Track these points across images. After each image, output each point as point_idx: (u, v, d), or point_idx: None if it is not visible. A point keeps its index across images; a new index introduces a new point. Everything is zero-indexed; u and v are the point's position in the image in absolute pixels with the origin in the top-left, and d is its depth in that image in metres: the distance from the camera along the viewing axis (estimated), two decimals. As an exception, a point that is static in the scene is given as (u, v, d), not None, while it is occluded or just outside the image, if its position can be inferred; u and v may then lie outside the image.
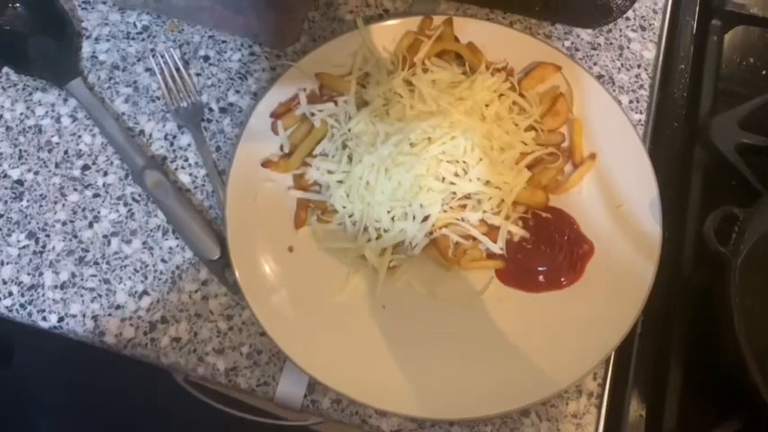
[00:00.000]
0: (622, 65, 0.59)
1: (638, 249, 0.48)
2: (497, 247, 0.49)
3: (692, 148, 0.55)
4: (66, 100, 0.56)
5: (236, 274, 0.46)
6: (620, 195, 0.50)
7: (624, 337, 0.45)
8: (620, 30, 0.61)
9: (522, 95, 0.53)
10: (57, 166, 0.53)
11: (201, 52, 0.58)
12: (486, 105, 0.52)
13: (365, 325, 0.47)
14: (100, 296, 0.49)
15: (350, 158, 0.50)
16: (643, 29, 0.61)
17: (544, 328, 0.47)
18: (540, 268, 0.49)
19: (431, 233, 0.49)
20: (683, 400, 0.46)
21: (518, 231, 0.50)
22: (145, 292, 0.49)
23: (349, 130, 0.51)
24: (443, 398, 0.44)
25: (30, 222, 0.51)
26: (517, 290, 0.48)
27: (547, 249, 0.49)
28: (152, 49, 0.58)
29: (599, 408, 0.46)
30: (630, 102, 0.57)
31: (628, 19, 0.61)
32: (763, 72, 0.61)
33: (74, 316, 0.48)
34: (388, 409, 0.43)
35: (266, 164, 0.50)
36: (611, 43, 0.60)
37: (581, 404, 0.46)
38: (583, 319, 0.46)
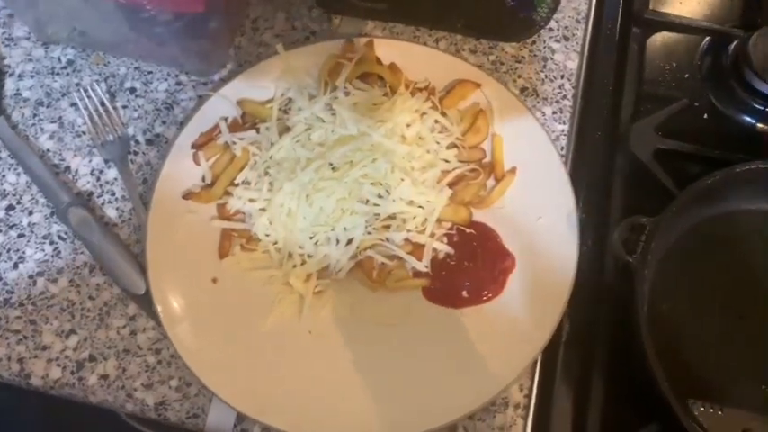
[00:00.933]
0: (546, 76, 0.60)
1: (557, 261, 0.48)
2: (422, 266, 0.50)
3: (613, 156, 0.56)
4: (-11, 139, 0.56)
5: (158, 308, 0.46)
6: (539, 208, 0.51)
7: (544, 347, 0.46)
8: (544, 41, 0.62)
9: (443, 114, 0.54)
10: (-20, 207, 0.53)
11: (128, 84, 0.59)
12: (408, 126, 0.53)
13: (291, 352, 0.47)
14: (26, 338, 0.49)
15: (271, 186, 0.50)
16: (566, 39, 0.62)
17: (469, 342, 0.48)
18: (464, 283, 0.49)
19: (355, 256, 0.50)
20: (607, 407, 0.47)
21: (443, 248, 0.50)
22: (72, 331, 0.49)
23: (271, 157, 0.51)
24: (371, 420, 0.45)
25: (-47, 266, 0.51)
26: (442, 306, 0.49)
27: (470, 264, 0.50)
28: (77, 84, 0.58)
29: (525, 419, 0.47)
30: (554, 113, 0.58)
31: (551, 30, 0.62)
32: (686, 75, 0.62)
33: (-1, 360, 0.48)
34: (314, 435, 0.44)
35: (188, 195, 0.51)
36: (535, 55, 0.61)
37: (508, 416, 0.47)
38: (505, 332, 0.47)
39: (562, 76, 0.60)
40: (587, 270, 0.50)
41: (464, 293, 0.49)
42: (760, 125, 0.58)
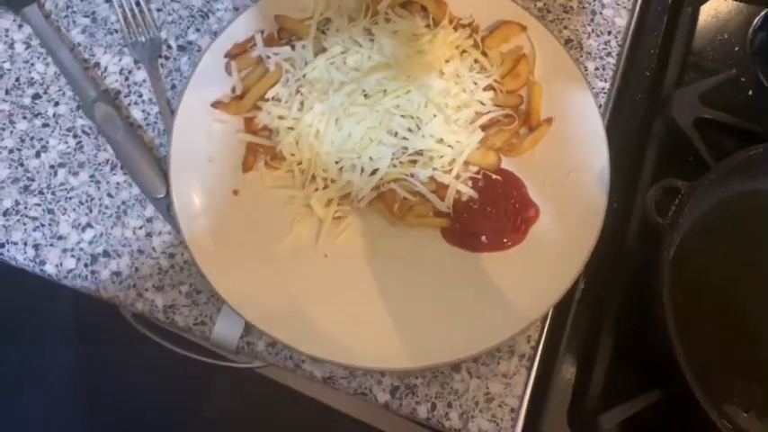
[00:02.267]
0: (593, 30, 0.58)
1: (583, 217, 0.48)
2: (444, 206, 0.49)
3: (651, 120, 0.54)
4: (20, 26, 0.55)
5: (176, 210, 0.46)
6: (571, 162, 0.50)
7: (557, 301, 0.46)
8: (596, -6, 0.59)
9: (484, 53, 0.52)
10: (7, 92, 0.53)
11: (164, -14, 0.57)
12: (447, 61, 0.51)
13: (305, 273, 0.47)
14: (43, 225, 0.49)
15: (302, 105, 0.49)
16: (619, -5, 0.60)
17: (483, 286, 0.47)
18: (485, 229, 0.49)
19: (378, 187, 0.49)
20: (611, 368, 0.47)
21: (467, 191, 0.50)
22: (89, 225, 0.49)
23: (304, 76, 0.50)
24: (375, 348, 0.45)
25: (-24, 148, 0.51)
26: (460, 249, 0.49)
27: (493, 211, 0.49)
28: (113, -20, 0.56)
29: (529, 369, 0.47)
30: (596, 69, 0.57)
31: (604, -17, 0.60)
32: (736, 48, 0.60)
33: (15, 243, 0.48)
34: (318, 355, 0.44)
35: (217, 104, 0.50)
36: (583, 7, 0.59)
37: (512, 364, 0.47)
38: (521, 281, 0.47)
39: (609, 33, 0.58)
40: (610, 232, 0.49)
41: (483, 238, 0.49)
42: (805, 108, 0.57)
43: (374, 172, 0.49)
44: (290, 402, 0.87)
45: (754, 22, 0.60)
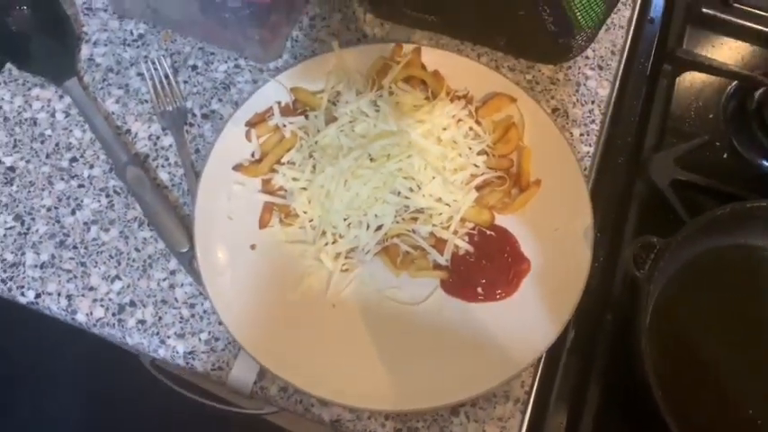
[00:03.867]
0: (578, 100, 0.64)
1: (569, 271, 0.52)
2: (443, 259, 0.53)
3: (633, 182, 0.59)
4: (61, 97, 0.61)
5: (198, 263, 0.50)
6: (558, 220, 0.54)
7: (546, 349, 0.49)
8: (579, 67, 0.66)
9: (478, 122, 0.58)
10: (47, 156, 0.58)
11: (191, 62, 0.63)
12: (444, 129, 0.57)
13: (315, 321, 0.51)
14: (75, 277, 0.53)
15: (314, 168, 0.55)
16: (600, 68, 0.66)
17: (478, 334, 0.51)
18: (480, 281, 0.53)
19: (383, 241, 0.54)
20: (599, 414, 0.50)
21: (463, 246, 0.54)
22: (117, 277, 0.54)
23: (316, 143, 0.56)
24: (380, 391, 0.48)
25: (17, 206, 0.56)
26: (457, 298, 0.53)
27: (488, 264, 0.54)
28: (145, 56, 0.63)
29: (523, 413, 0.50)
30: (581, 135, 0.62)
31: (587, 58, 0.66)
32: (710, 116, 0.65)
33: (50, 294, 0.53)
34: (327, 398, 0.47)
35: (237, 168, 0.55)
36: (569, 79, 0.65)
37: (507, 409, 0.50)
38: (514, 330, 0.51)
39: (593, 102, 0.64)
40: (597, 284, 0.54)
41: (479, 290, 0.53)
42: (776, 170, 0.62)
43: (379, 228, 0.54)
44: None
45: (727, 90, 0.66)
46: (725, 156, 0.63)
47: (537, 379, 0.52)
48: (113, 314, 0.52)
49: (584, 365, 0.52)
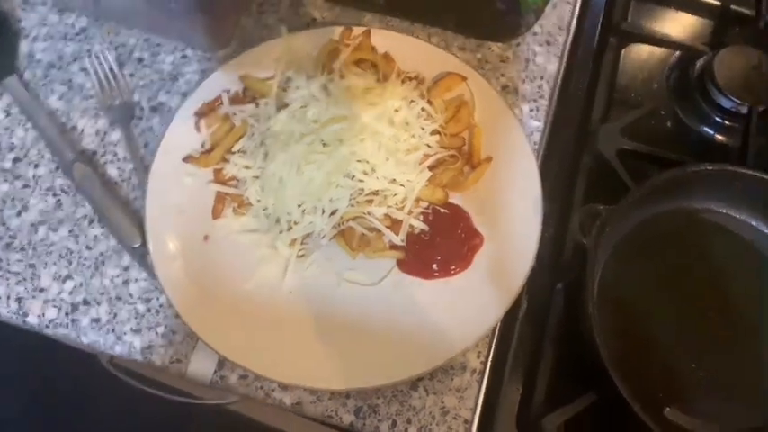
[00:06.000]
0: (527, 76, 0.65)
1: (520, 243, 0.53)
2: (399, 239, 0.54)
3: (580, 153, 0.60)
4: (0, 96, 0.59)
5: (152, 258, 0.50)
6: (509, 194, 0.55)
7: (500, 319, 0.50)
8: (528, 44, 0.66)
9: (429, 102, 0.58)
10: (-11, 157, 0.57)
11: (136, 54, 0.62)
12: (396, 110, 0.57)
13: (272, 308, 0.51)
14: (25, 279, 0.52)
15: (266, 156, 0.54)
16: (549, 44, 0.67)
17: (435, 309, 0.52)
18: (435, 258, 0.54)
19: (338, 225, 0.54)
20: (553, 377, 0.51)
21: (418, 225, 0.54)
22: (69, 276, 0.53)
23: (268, 129, 0.55)
24: (340, 371, 0.49)
25: (-39, 210, 0.54)
26: (414, 276, 0.53)
27: (442, 241, 0.54)
28: (88, 50, 0.62)
29: (480, 383, 0.51)
30: (531, 110, 0.63)
31: (535, 34, 0.67)
32: (654, 86, 0.67)
33: (-1, 297, 0.52)
34: (287, 381, 0.48)
35: (188, 159, 0.55)
36: (518, 56, 0.66)
37: (464, 379, 0.51)
38: (467, 303, 0.51)
39: (541, 78, 0.65)
40: (547, 255, 0.55)
41: (434, 266, 0.53)
42: (718, 136, 0.64)
43: (334, 212, 0.54)
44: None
45: (670, 61, 0.68)
46: (669, 124, 0.64)
47: (492, 349, 0.52)
48: (66, 314, 0.51)
49: (537, 333, 0.53)
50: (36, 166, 0.57)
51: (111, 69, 0.61)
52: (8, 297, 0.52)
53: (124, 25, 0.63)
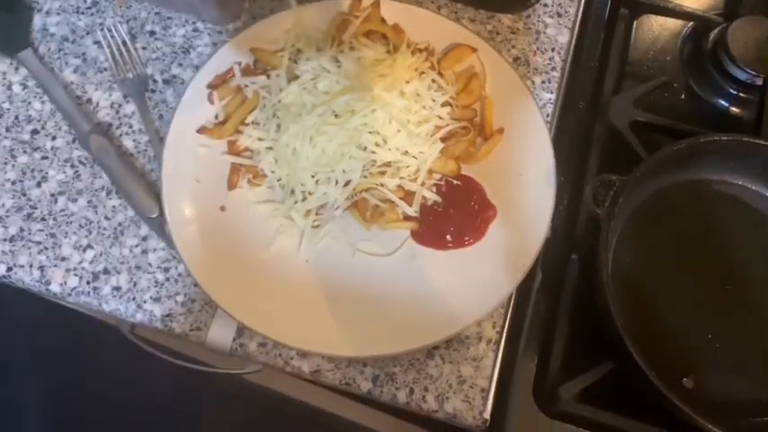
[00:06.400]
0: (538, 48, 0.65)
1: (534, 214, 0.53)
2: (412, 211, 0.54)
3: (593, 124, 0.61)
4: (17, 69, 0.60)
5: (169, 227, 0.51)
6: (522, 166, 0.56)
7: (514, 290, 0.51)
8: (539, 15, 0.66)
9: (440, 74, 0.58)
10: (7, 129, 0.57)
11: (148, 27, 0.62)
12: (407, 82, 0.57)
13: (289, 277, 0.52)
14: (46, 249, 0.53)
15: (279, 127, 0.55)
16: (559, 15, 0.66)
17: (449, 280, 0.52)
18: (448, 229, 0.54)
19: (352, 196, 0.54)
20: (569, 346, 0.52)
21: (431, 196, 0.55)
22: (89, 246, 0.54)
23: (279, 101, 0.56)
24: (356, 338, 0.50)
25: (-19, 182, 0.55)
26: (427, 247, 0.54)
27: (455, 213, 0.55)
28: (100, 24, 0.62)
29: (496, 352, 0.52)
30: (543, 82, 0.63)
31: (546, 5, 0.66)
32: (667, 57, 0.67)
33: (21, 266, 0.53)
34: (306, 348, 0.49)
35: (201, 130, 0.55)
36: (529, 28, 0.65)
37: (480, 349, 0.52)
38: (483, 273, 0.52)
39: (553, 49, 0.64)
40: (561, 225, 0.55)
41: (448, 237, 0.54)
42: (733, 108, 0.63)
43: (347, 183, 0.54)
44: (281, 404, 0.91)
45: (683, 32, 0.68)
46: (682, 96, 0.64)
47: (507, 319, 0.53)
48: (87, 282, 0.53)
49: (552, 304, 0.54)
50: (54, 138, 0.57)
51: (123, 42, 0.61)
52: (31, 266, 0.53)
53: (135, -2, 0.63)
